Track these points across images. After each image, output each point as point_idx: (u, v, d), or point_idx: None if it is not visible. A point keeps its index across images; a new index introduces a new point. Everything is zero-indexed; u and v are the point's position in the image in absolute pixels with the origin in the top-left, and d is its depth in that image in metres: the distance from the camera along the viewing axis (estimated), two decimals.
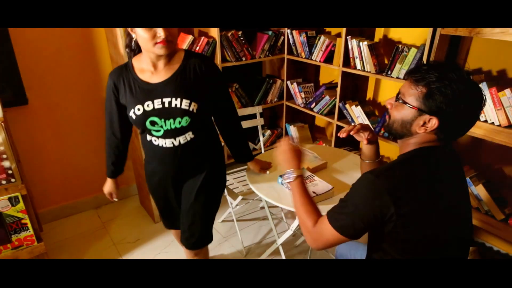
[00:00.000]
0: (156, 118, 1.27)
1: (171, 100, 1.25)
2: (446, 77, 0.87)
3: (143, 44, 1.20)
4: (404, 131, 0.98)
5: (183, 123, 1.28)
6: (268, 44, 2.59)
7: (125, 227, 2.47)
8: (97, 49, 2.29)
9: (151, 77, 1.28)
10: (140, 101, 1.26)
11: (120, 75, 1.29)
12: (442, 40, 1.72)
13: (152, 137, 1.34)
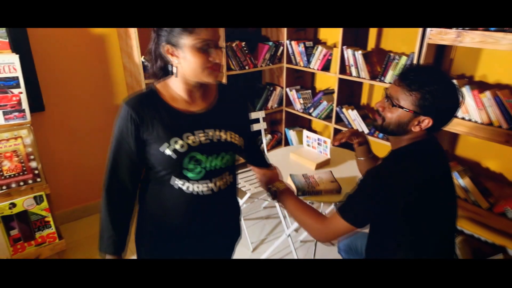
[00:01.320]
0: (198, 154, 1.01)
1: (215, 131, 1.05)
2: (435, 81, 1.02)
3: (191, 71, 0.98)
4: (400, 131, 1.10)
5: (226, 160, 1.07)
6: (269, 53, 2.78)
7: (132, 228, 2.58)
8: (110, 58, 2.43)
9: (186, 106, 1.05)
10: (177, 133, 1.00)
11: (142, 103, 1.01)
12: (429, 49, 1.93)
13: (183, 182, 1.04)
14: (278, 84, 3.08)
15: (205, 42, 0.96)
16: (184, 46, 0.95)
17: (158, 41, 0.99)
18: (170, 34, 0.95)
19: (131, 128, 0.99)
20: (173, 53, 0.98)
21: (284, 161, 2.08)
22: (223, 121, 1.08)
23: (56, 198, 2.52)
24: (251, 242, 2.40)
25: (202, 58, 0.96)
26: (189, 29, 0.93)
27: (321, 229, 1.12)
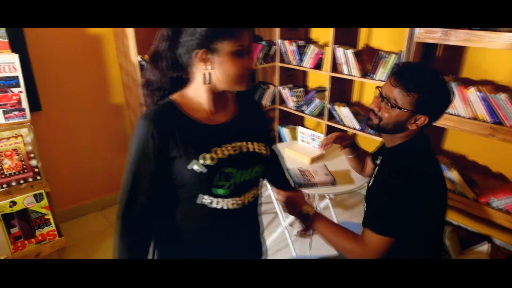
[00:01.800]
0: (229, 168, 0.94)
1: (246, 144, 0.99)
2: (431, 81, 1.06)
3: (225, 77, 0.90)
4: (397, 129, 1.13)
5: (255, 173, 1.01)
6: (262, 53, 2.85)
7: None
8: (106, 58, 2.45)
9: (209, 117, 0.96)
10: (205, 148, 0.92)
11: (162, 118, 0.90)
12: (417, 47, 2.01)
13: (211, 199, 0.96)
14: (271, 82, 3.15)
15: (243, 48, 0.89)
16: (221, 52, 0.87)
17: (187, 45, 0.88)
18: (206, 38, 0.86)
19: (152, 146, 0.88)
20: (206, 59, 0.89)
21: None
22: (249, 132, 1.01)
23: (55, 197, 2.54)
24: None
25: (240, 64, 0.89)
26: (231, 33, 0.86)
27: (362, 253, 1.09)
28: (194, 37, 0.86)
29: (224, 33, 0.86)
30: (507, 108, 1.74)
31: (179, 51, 0.90)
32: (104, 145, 2.65)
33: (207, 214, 0.97)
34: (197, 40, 0.87)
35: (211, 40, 0.86)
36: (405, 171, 1.08)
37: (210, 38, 0.86)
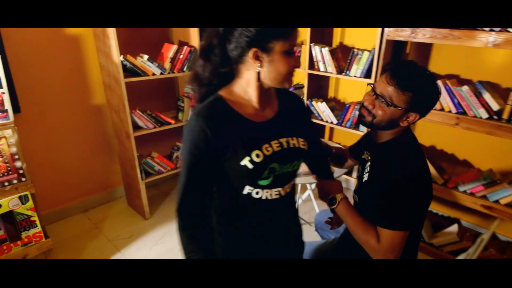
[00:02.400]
0: (275, 164, 0.99)
1: (288, 140, 1.02)
2: (424, 80, 1.11)
3: (277, 75, 0.93)
4: (390, 126, 1.17)
5: (295, 167, 1.06)
6: None
7: (117, 225, 2.62)
8: (86, 58, 2.45)
9: (257, 114, 1.00)
10: (257, 145, 0.96)
11: (214, 115, 0.94)
12: (388, 45, 2.15)
13: (256, 190, 1.01)
14: None
15: (293, 47, 0.93)
16: (273, 51, 0.90)
17: (239, 43, 0.90)
18: (259, 38, 0.88)
19: (205, 143, 0.92)
20: (258, 57, 0.91)
21: None
22: (290, 127, 1.05)
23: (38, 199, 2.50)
24: None
25: (290, 62, 0.93)
26: (284, 33, 0.89)
27: (376, 247, 1.13)
28: (247, 36, 0.89)
29: (277, 33, 0.89)
30: (470, 99, 1.91)
31: (230, 47, 0.92)
32: (86, 146, 2.64)
33: (251, 203, 1.02)
34: (250, 39, 0.89)
35: (264, 39, 0.89)
36: (407, 167, 1.12)
37: (263, 38, 0.89)
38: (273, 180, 1.00)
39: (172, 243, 2.41)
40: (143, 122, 2.46)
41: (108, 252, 2.33)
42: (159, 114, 2.57)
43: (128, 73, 2.28)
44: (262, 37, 0.88)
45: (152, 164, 2.62)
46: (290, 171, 1.04)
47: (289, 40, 0.90)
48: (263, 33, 0.88)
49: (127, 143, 2.45)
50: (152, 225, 2.61)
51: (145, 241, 2.44)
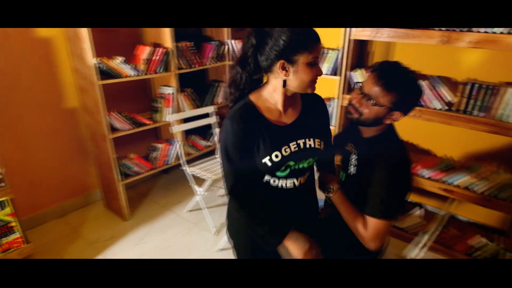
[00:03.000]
0: (291, 162, 1.16)
1: (305, 140, 1.18)
2: (408, 82, 1.18)
3: (300, 83, 1.08)
4: (375, 123, 1.25)
5: (309, 163, 1.22)
6: (214, 52, 2.99)
7: (96, 228, 2.61)
8: (57, 61, 2.43)
9: (280, 117, 1.16)
10: (277, 147, 1.13)
11: (246, 119, 1.10)
12: (353, 44, 2.30)
13: (273, 179, 1.19)
14: (222, 80, 3.30)
15: (316, 59, 1.07)
16: (298, 62, 1.04)
17: (269, 56, 1.04)
18: (286, 51, 1.02)
19: (240, 141, 1.10)
20: (285, 68, 1.06)
21: None
22: (310, 129, 1.21)
23: None
24: (213, 226, 2.60)
25: (313, 72, 1.07)
26: (308, 47, 1.03)
27: (363, 234, 1.23)
28: (276, 49, 1.03)
29: (302, 47, 1.03)
30: (429, 93, 2.09)
31: (261, 58, 1.07)
32: (60, 149, 2.61)
33: (270, 189, 1.20)
34: (278, 52, 1.03)
35: (290, 52, 1.03)
36: (392, 162, 1.21)
37: (289, 51, 1.03)
38: (289, 173, 1.18)
39: (154, 242, 2.45)
40: (119, 124, 2.48)
41: (89, 255, 2.33)
42: (136, 116, 2.59)
43: (103, 75, 2.29)
44: (289, 51, 1.03)
45: (130, 165, 2.64)
46: (305, 166, 1.21)
47: (312, 53, 1.05)
48: (290, 47, 1.02)
49: (104, 145, 2.45)
50: (132, 226, 2.63)
51: (127, 242, 2.46)
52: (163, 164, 2.86)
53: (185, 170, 2.57)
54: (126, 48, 2.67)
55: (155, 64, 2.55)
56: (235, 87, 1.15)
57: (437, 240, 2.33)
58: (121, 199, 2.60)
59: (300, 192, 1.26)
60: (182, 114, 2.67)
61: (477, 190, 2.07)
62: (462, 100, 1.99)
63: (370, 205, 1.23)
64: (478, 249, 2.20)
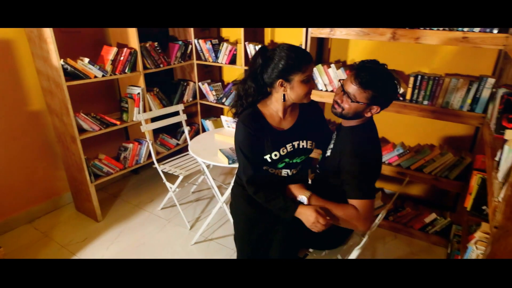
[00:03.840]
0: (287, 159, 1.47)
1: (299, 142, 1.48)
2: (382, 79, 1.32)
3: (297, 97, 1.37)
4: (355, 116, 1.40)
5: (301, 159, 1.52)
6: (180, 52, 3.05)
7: (68, 231, 2.60)
8: (19, 63, 2.39)
9: (280, 123, 1.46)
10: (277, 147, 1.43)
11: (254, 123, 1.40)
12: (312, 41, 2.46)
13: (271, 168, 1.49)
14: (190, 79, 3.37)
15: (309, 77, 1.35)
16: (294, 80, 1.34)
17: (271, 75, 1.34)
18: (284, 72, 1.32)
19: (251, 140, 1.39)
20: (283, 85, 1.35)
21: (210, 142, 2.42)
22: (305, 133, 1.49)
23: None
24: (188, 221, 2.67)
25: (307, 87, 1.36)
26: (301, 69, 1.31)
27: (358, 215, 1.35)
28: (276, 70, 1.33)
29: (296, 68, 1.31)
30: None
31: (265, 76, 1.37)
32: (26, 153, 2.57)
33: (269, 176, 1.50)
34: (278, 73, 1.33)
35: (287, 73, 1.33)
36: (368, 149, 1.39)
37: (286, 72, 1.32)
38: (284, 166, 1.49)
39: (128, 240, 2.48)
40: (88, 125, 2.48)
41: (63, 257, 2.32)
42: (104, 116, 2.60)
43: (69, 77, 2.29)
44: (286, 72, 1.32)
45: (100, 166, 2.65)
46: (298, 161, 1.52)
47: (305, 73, 1.33)
48: (286, 70, 1.31)
49: (73, 146, 2.45)
50: (105, 227, 2.64)
51: (101, 242, 2.48)
52: (133, 163, 2.89)
53: (157, 167, 2.63)
54: (90, 49, 2.68)
55: (122, 64, 2.58)
56: (246, 96, 1.43)
57: (396, 219, 2.56)
58: (93, 201, 2.61)
59: (293, 180, 1.52)
60: (152, 112, 2.72)
61: (427, 171, 2.30)
62: (410, 90, 2.20)
63: (351, 189, 1.36)
64: (430, 224, 2.44)
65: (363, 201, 1.35)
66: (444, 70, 2.33)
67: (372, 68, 1.35)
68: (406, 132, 2.65)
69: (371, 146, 1.43)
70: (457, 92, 2.05)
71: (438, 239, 2.42)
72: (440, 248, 2.40)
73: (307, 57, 1.34)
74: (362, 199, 1.35)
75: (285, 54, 1.31)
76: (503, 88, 1.71)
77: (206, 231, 2.58)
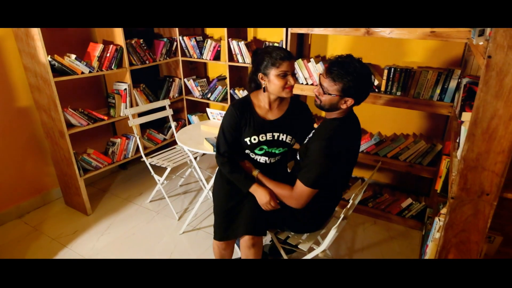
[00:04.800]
0: (265, 146, 1.68)
1: (279, 134, 1.68)
2: (351, 72, 1.39)
3: (274, 89, 1.57)
4: (332, 108, 1.50)
5: (280, 150, 1.71)
6: (165, 49, 3.13)
7: (58, 224, 2.65)
8: (6, 60, 2.43)
9: (266, 113, 1.67)
10: (257, 133, 1.64)
11: (242, 108, 1.64)
12: (292, 37, 2.58)
13: (251, 153, 1.72)
14: (175, 75, 3.45)
15: (284, 72, 1.53)
16: (270, 74, 1.55)
17: (256, 71, 1.60)
18: (262, 68, 1.55)
19: (235, 121, 1.63)
20: (263, 78, 1.59)
21: (197, 132, 2.52)
22: (287, 128, 1.69)
23: None
24: (176, 212, 2.76)
25: (282, 82, 1.54)
26: (276, 64, 1.51)
27: (289, 195, 1.56)
28: (258, 65, 1.58)
29: (271, 64, 1.53)
30: None
31: (253, 70, 1.64)
32: (15, 149, 2.61)
33: (250, 159, 1.74)
34: (259, 67, 1.57)
35: (264, 69, 1.56)
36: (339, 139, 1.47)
37: (264, 68, 1.56)
38: (263, 153, 1.70)
39: (118, 232, 2.55)
40: (76, 120, 2.54)
41: (54, 249, 2.38)
42: (92, 111, 2.66)
43: (56, 73, 2.35)
44: (263, 68, 1.56)
45: (89, 160, 2.71)
46: (277, 152, 1.72)
47: (279, 68, 1.53)
48: (264, 65, 1.55)
49: (62, 141, 2.51)
50: (95, 220, 2.70)
51: (91, 234, 2.54)
52: (122, 158, 2.95)
53: (145, 160, 2.70)
54: (76, 46, 2.73)
55: (108, 61, 2.64)
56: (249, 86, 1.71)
57: (375, 206, 2.70)
58: (82, 194, 2.67)
59: (270, 167, 1.76)
60: (139, 107, 2.79)
61: (402, 159, 2.45)
62: (384, 82, 2.33)
63: (302, 172, 1.51)
64: (407, 209, 2.59)
65: (303, 187, 1.50)
66: (418, 63, 2.48)
67: (344, 62, 1.44)
68: (383, 122, 2.79)
69: (341, 137, 1.50)
70: (427, 83, 2.19)
71: (414, 222, 2.57)
72: (416, 231, 2.55)
73: (284, 55, 1.52)
74: (303, 184, 1.49)
75: (265, 52, 1.56)
76: (466, 78, 1.86)
77: (194, 220, 2.67)
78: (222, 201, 1.77)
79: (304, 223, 1.76)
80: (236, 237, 1.74)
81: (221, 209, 1.76)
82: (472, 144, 1.05)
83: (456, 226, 1.16)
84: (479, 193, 1.08)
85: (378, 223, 2.67)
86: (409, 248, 2.38)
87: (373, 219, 2.71)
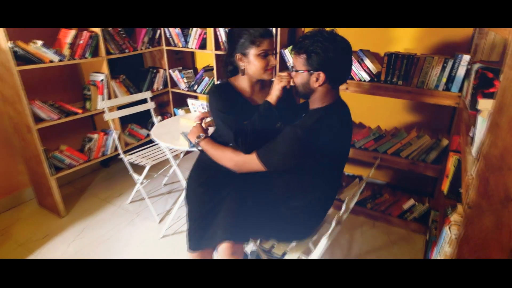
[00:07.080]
0: None
1: None
2: (317, 41, 1.19)
3: (255, 71, 1.41)
4: (307, 90, 1.28)
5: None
6: (147, 37, 2.89)
7: (28, 228, 2.43)
8: None
9: (252, 97, 1.51)
10: (246, 117, 1.40)
11: (224, 91, 1.46)
12: None
13: None
14: (160, 66, 3.21)
15: (265, 51, 1.37)
16: (249, 54, 1.38)
17: (232, 52, 1.41)
18: (240, 47, 1.37)
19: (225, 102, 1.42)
20: (242, 59, 1.41)
21: (175, 126, 2.31)
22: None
23: None
24: (157, 214, 2.53)
25: (264, 62, 1.39)
26: (255, 42, 1.35)
27: (237, 160, 1.37)
28: (234, 45, 1.39)
29: (250, 43, 1.36)
30: (354, 65, 2.18)
31: (229, 53, 1.45)
32: None
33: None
34: (235, 48, 1.39)
35: (242, 48, 1.38)
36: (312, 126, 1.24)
37: (242, 47, 1.38)
38: None
39: (92, 236, 2.33)
40: (45, 114, 2.31)
41: (19, 256, 2.16)
42: (64, 104, 2.43)
43: (21, 61, 2.12)
44: (241, 46, 1.38)
45: (61, 157, 2.48)
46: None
47: (260, 47, 1.36)
48: (242, 44, 1.37)
49: (29, 137, 2.28)
50: (69, 222, 2.48)
51: (62, 239, 2.32)
52: (100, 155, 2.73)
53: (122, 158, 2.47)
54: (45, 32, 2.50)
55: (82, 48, 2.40)
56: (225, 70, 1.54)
57: (374, 207, 2.47)
58: (54, 194, 2.44)
59: None
60: (116, 100, 2.55)
61: (403, 155, 2.21)
62: (384, 71, 2.09)
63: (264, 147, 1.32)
64: (409, 211, 2.36)
65: (255, 159, 1.31)
66: (422, 51, 2.24)
67: (312, 32, 1.24)
68: (382, 115, 2.56)
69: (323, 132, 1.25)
70: (432, 70, 1.95)
71: (417, 226, 2.34)
72: (419, 235, 2.33)
73: (263, 32, 1.36)
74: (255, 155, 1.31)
75: (242, 30, 1.37)
76: (478, 64, 1.62)
77: (175, 223, 2.44)
78: (196, 205, 1.55)
79: (290, 230, 1.54)
80: (213, 245, 1.51)
81: (196, 214, 1.53)
82: (495, 138, 0.82)
83: (472, 241, 0.93)
84: (503, 200, 0.85)
85: (377, 226, 2.44)
86: (412, 254, 2.15)
87: (372, 222, 2.48)
